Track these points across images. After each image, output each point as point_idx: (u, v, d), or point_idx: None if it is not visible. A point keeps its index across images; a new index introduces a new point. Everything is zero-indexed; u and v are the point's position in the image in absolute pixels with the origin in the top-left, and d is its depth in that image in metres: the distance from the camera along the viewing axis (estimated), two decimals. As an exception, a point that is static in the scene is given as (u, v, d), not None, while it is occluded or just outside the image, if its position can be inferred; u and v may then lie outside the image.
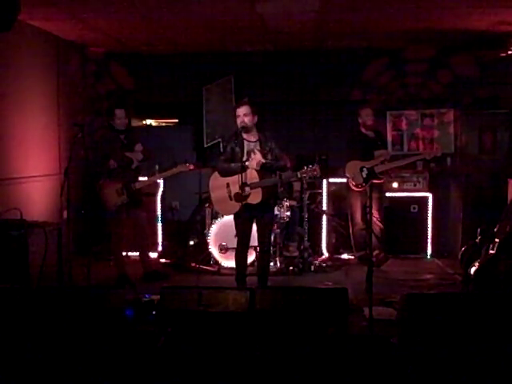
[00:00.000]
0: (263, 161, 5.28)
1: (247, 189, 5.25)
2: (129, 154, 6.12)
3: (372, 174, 6.66)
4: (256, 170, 5.28)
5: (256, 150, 5.33)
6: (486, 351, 3.52)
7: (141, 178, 6.34)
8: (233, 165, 5.33)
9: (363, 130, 6.89)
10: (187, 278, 6.31)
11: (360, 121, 6.87)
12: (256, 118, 5.34)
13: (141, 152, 6.20)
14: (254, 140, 5.38)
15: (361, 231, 6.84)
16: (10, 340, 3.85)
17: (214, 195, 5.57)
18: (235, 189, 5.30)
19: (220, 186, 5.49)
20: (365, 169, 6.64)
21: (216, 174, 5.56)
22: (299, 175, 5.28)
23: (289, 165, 5.48)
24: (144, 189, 6.38)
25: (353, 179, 6.70)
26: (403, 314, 4.01)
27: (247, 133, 5.33)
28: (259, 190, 5.26)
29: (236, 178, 5.26)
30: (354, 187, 6.74)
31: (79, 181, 7.19)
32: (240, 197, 5.28)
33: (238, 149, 5.31)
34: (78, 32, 6.90)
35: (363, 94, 7.83)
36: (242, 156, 5.25)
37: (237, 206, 5.35)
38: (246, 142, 5.33)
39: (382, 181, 6.83)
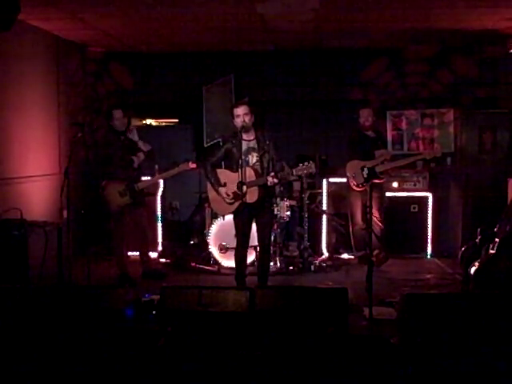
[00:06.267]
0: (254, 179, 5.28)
1: (244, 187, 5.26)
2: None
3: (373, 173, 6.67)
4: (253, 169, 5.29)
5: (253, 153, 5.35)
6: (486, 351, 3.52)
7: (143, 178, 6.35)
8: (213, 180, 5.39)
9: (363, 130, 6.90)
10: (187, 277, 6.32)
11: (360, 121, 6.88)
12: (253, 118, 5.36)
13: (142, 153, 6.21)
14: (252, 138, 5.40)
15: (361, 231, 6.84)
16: (10, 340, 3.85)
17: (211, 195, 5.58)
18: (232, 188, 5.31)
19: None
20: (366, 168, 6.66)
21: None
22: (294, 172, 5.28)
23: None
24: (145, 189, 6.39)
25: (354, 179, 6.71)
26: (403, 313, 4.01)
27: (246, 132, 5.34)
28: (256, 188, 5.27)
29: (234, 176, 5.28)
30: (354, 187, 6.75)
31: (79, 181, 7.20)
32: (237, 196, 5.29)
33: (235, 149, 5.32)
34: (77, 32, 6.90)
35: (363, 94, 7.84)
36: (240, 156, 5.25)
37: (233, 206, 5.36)
38: (244, 142, 5.33)
39: (382, 180, 6.83)
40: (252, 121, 5.35)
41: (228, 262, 6.48)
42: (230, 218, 5.76)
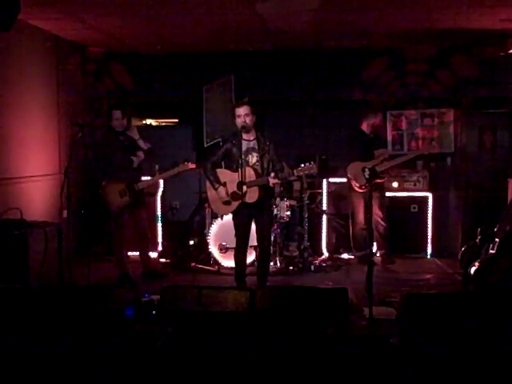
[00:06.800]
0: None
1: (244, 187, 5.25)
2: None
3: (374, 173, 6.68)
4: (253, 169, 5.28)
5: (253, 153, 5.35)
6: (486, 351, 3.52)
7: (143, 178, 6.36)
8: (212, 179, 5.38)
9: (367, 130, 6.88)
10: (187, 277, 6.31)
11: (368, 122, 6.86)
12: (254, 118, 5.36)
13: (142, 152, 6.22)
14: (252, 139, 5.40)
15: (362, 231, 6.84)
16: (11, 340, 3.86)
17: (210, 194, 5.58)
18: (232, 188, 5.31)
19: None
20: (366, 169, 6.66)
21: None
22: (296, 173, 5.27)
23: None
24: (145, 189, 6.39)
25: (355, 180, 6.71)
26: (403, 313, 4.01)
27: (247, 132, 5.34)
28: (256, 188, 5.27)
29: (234, 176, 5.28)
30: (357, 188, 6.75)
31: (79, 181, 7.19)
32: (237, 196, 5.29)
33: (235, 149, 5.31)
34: (77, 32, 6.90)
35: (363, 94, 7.83)
36: (240, 156, 5.25)
37: (233, 206, 5.36)
38: (244, 142, 5.33)
39: (383, 180, 6.84)
40: (253, 121, 5.35)
41: (228, 261, 6.48)
42: (230, 217, 5.75)
